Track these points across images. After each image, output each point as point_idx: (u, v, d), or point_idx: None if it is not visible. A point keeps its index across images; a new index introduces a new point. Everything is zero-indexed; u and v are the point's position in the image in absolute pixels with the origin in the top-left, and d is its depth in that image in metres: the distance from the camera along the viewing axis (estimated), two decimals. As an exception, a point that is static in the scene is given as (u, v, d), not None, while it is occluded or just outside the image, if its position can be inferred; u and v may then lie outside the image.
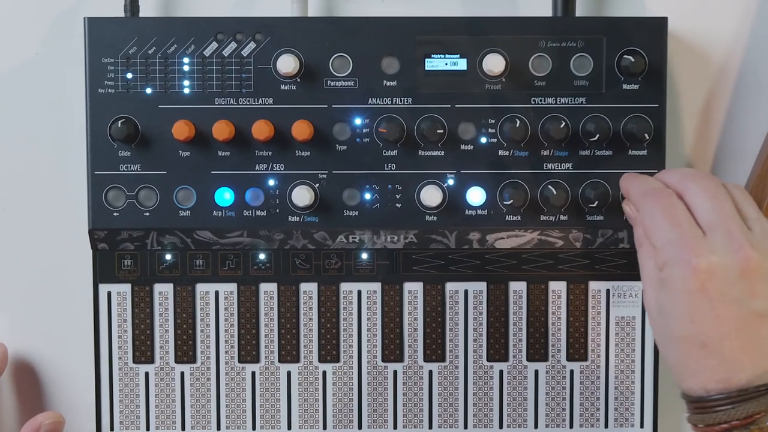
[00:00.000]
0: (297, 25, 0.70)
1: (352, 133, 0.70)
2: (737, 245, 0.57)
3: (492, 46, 0.70)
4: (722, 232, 0.58)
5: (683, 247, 0.58)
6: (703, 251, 0.57)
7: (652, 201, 0.61)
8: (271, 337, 0.73)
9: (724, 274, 0.57)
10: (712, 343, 0.57)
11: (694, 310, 0.58)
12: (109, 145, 0.70)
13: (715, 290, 0.57)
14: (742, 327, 0.57)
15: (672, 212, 0.60)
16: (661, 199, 0.61)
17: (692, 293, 0.57)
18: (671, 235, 0.59)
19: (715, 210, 0.59)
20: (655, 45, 0.69)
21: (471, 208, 0.71)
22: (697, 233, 0.58)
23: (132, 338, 0.73)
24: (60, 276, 0.77)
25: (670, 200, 0.61)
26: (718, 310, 0.57)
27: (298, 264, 0.72)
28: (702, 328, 0.57)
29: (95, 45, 0.69)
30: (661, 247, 0.60)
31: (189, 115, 0.69)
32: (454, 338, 0.73)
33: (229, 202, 0.70)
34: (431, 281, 0.72)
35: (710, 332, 0.57)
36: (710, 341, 0.57)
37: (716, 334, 0.57)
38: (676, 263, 0.58)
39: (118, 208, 0.70)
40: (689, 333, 0.58)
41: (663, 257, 0.59)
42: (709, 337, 0.57)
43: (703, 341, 0.57)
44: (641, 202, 0.63)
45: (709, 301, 0.57)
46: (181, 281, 0.72)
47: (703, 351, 0.58)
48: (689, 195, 0.60)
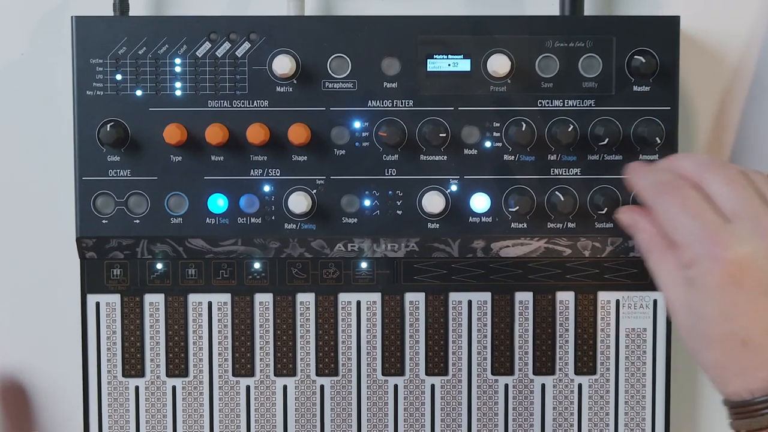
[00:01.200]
0: (293, 24, 0.70)
1: (350, 137, 0.70)
2: (766, 231, 0.55)
3: (497, 46, 0.69)
4: (748, 219, 0.56)
5: (709, 240, 0.56)
6: (731, 242, 0.55)
7: (667, 196, 0.59)
8: (266, 350, 0.72)
9: (757, 264, 0.54)
10: (754, 339, 0.55)
11: (730, 305, 0.55)
12: (97, 149, 0.69)
13: (750, 282, 0.54)
14: None
15: (691, 204, 0.57)
16: (676, 192, 0.59)
17: (726, 288, 0.55)
18: (694, 229, 0.56)
19: (736, 196, 0.57)
20: (666, 45, 0.69)
21: (475, 215, 0.70)
22: (722, 223, 0.56)
23: (121, 351, 0.72)
24: (46, 286, 0.77)
25: (687, 192, 0.58)
26: (756, 302, 0.55)
27: (294, 273, 0.72)
28: (741, 324, 0.55)
29: (83, 45, 0.69)
30: (686, 243, 0.57)
31: (181, 119, 0.69)
32: (457, 351, 0.73)
33: (223, 209, 0.70)
34: (433, 291, 0.72)
35: (750, 327, 0.55)
36: (751, 337, 0.55)
37: (757, 329, 0.55)
38: (704, 259, 0.56)
39: (107, 216, 0.70)
40: (727, 331, 0.56)
41: (689, 255, 0.57)
42: (749, 333, 0.55)
43: (743, 338, 0.55)
44: (654, 198, 0.60)
45: (745, 294, 0.55)
46: (173, 291, 0.72)
47: (744, 349, 0.55)
48: (707, 184, 0.58)
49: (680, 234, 0.57)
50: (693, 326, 0.58)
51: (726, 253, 0.55)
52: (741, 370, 0.56)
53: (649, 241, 0.62)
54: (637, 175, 0.62)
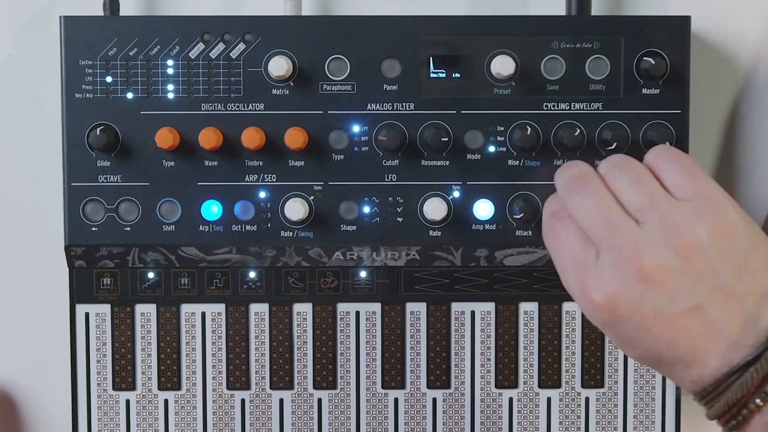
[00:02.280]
0: (290, 24, 0.69)
1: (349, 142, 0.70)
2: (626, 260, 0.57)
3: (501, 47, 0.69)
4: (608, 249, 0.58)
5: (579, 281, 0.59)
6: (596, 282, 0.58)
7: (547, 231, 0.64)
8: (262, 362, 0.72)
9: (627, 295, 0.57)
10: (664, 356, 0.57)
11: (624, 337, 0.58)
12: (86, 154, 0.69)
13: (629, 313, 0.57)
14: (682, 327, 0.56)
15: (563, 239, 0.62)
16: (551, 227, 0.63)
17: (610, 324, 0.58)
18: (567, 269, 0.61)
19: (596, 224, 0.59)
20: (677, 46, 0.69)
21: (478, 222, 0.70)
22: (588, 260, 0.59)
23: (112, 363, 0.72)
24: (34, 296, 0.77)
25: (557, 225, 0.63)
26: (646, 327, 0.57)
27: (291, 283, 0.72)
28: (645, 348, 0.58)
29: (72, 46, 0.69)
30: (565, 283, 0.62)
31: (173, 122, 0.69)
32: (459, 363, 0.72)
33: (217, 216, 0.70)
34: (435, 301, 0.72)
35: (654, 348, 0.58)
36: (661, 355, 0.58)
37: (662, 347, 0.57)
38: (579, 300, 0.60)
39: (97, 223, 0.70)
40: (639, 355, 0.59)
41: (570, 292, 0.61)
42: (657, 352, 0.58)
43: (655, 357, 0.58)
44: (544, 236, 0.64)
45: (631, 325, 0.57)
46: (165, 301, 0.72)
47: (663, 364, 0.58)
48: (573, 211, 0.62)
49: (559, 270, 0.62)
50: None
51: (594, 295, 0.58)
52: (678, 381, 0.59)
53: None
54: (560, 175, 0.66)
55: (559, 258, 0.61)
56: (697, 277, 0.56)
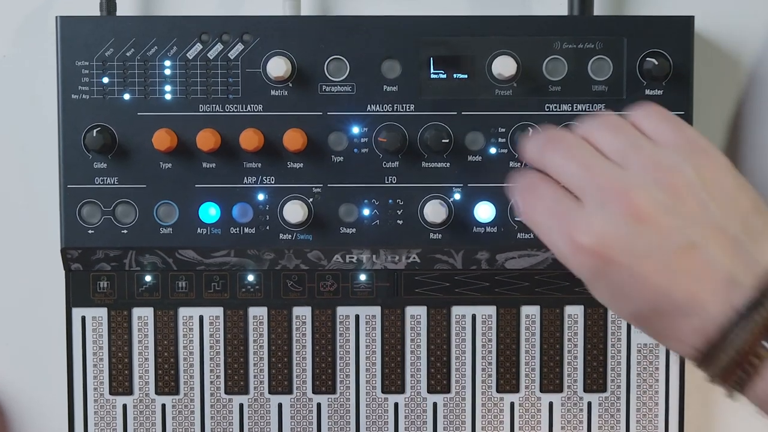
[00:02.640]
0: (289, 24, 0.69)
1: (349, 143, 0.70)
2: (613, 197, 0.54)
3: (502, 47, 0.69)
4: (593, 192, 0.54)
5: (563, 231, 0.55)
6: (583, 225, 0.54)
7: (521, 194, 0.59)
8: (260, 366, 0.72)
9: (617, 235, 0.53)
10: (662, 304, 0.54)
11: (617, 287, 0.54)
12: (83, 156, 0.69)
13: (620, 256, 0.53)
14: (676, 271, 0.53)
15: (540, 196, 0.57)
16: (526, 188, 0.58)
17: (601, 273, 0.54)
18: (549, 224, 0.56)
19: (577, 171, 0.55)
20: (680, 46, 0.69)
21: (479, 225, 0.70)
22: (571, 207, 0.55)
23: (108, 367, 0.72)
24: (30, 299, 0.77)
25: (534, 184, 0.58)
26: (640, 270, 0.53)
27: (290, 286, 0.72)
28: (641, 298, 0.54)
29: (68, 46, 0.69)
30: (548, 242, 0.57)
31: (171, 124, 0.69)
32: (460, 367, 0.72)
33: (215, 219, 0.70)
34: (436, 305, 0.72)
35: (651, 296, 0.54)
36: (658, 304, 0.54)
37: (658, 294, 0.54)
38: (567, 252, 0.55)
39: (94, 225, 0.69)
40: (635, 309, 0.55)
41: (556, 252, 0.56)
42: (654, 302, 0.54)
43: (652, 308, 0.54)
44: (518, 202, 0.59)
45: (624, 269, 0.54)
46: (162, 305, 0.72)
47: (661, 317, 0.54)
48: (550, 168, 0.57)
49: (540, 233, 0.57)
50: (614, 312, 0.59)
51: (582, 238, 0.54)
52: (673, 336, 0.55)
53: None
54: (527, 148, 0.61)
55: (540, 224, 0.57)
56: (689, 215, 0.54)
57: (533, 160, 0.59)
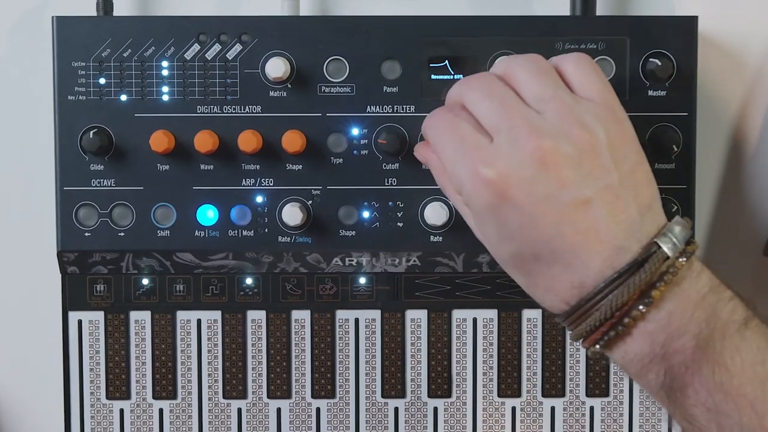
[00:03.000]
0: (288, 25, 0.69)
1: (348, 145, 0.69)
2: (523, 139, 0.56)
3: (503, 48, 0.69)
4: (505, 131, 0.57)
5: (469, 161, 0.57)
6: (489, 159, 0.56)
7: (433, 124, 0.61)
8: (259, 371, 0.72)
9: (519, 175, 0.56)
10: (543, 251, 0.56)
11: (507, 224, 0.57)
12: (79, 157, 0.69)
13: (517, 194, 0.56)
14: (567, 220, 0.56)
15: (453, 127, 0.59)
16: (440, 118, 0.60)
17: (495, 208, 0.57)
18: (456, 153, 0.58)
19: (493, 109, 0.58)
20: (684, 47, 0.69)
21: None
22: (482, 141, 0.57)
23: (105, 371, 0.72)
24: (25, 303, 0.77)
25: (448, 116, 0.60)
26: (531, 213, 0.56)
27: (288, 289, 0.71)
28: (525, 240, 0.57)
29: (64, 47, 0.68)
30: (450, 170, 0.59)
31: (168, 125, 0.69)
32: (461, 371, 0.72)
33: (213, 221, 0.70)
34: (436, 308, 0.72)
35: (535, 240, 0.56)
36: (539, 250, 0.56)
37: (542, 239, 0.56)
38: (467, 181, 0.57)
39: (90, 228, 0.69)
40: (515, 251, 0.58)
41: (456, 180, 0.58)
42: (536, 247, 0.56)
43: (533, 253, 0.57)
44: (427, 130, 0.62)
45: (517, 209, 0.56)
46: (160, 308, 0.71)
47: (539, 263, 0.57)
48: (467, 103, 0.59)
49: (446, 159, 0.59)
50: (493, 254, 0.60)
51: (485, 171, 0.56)
52: (547, 285, 0.58)
53: (438, 175, 0.63)
54: None
55: (446, 146, 0.59)
56: (591, 172, 0.56)
57: (453, 97, 0.61)
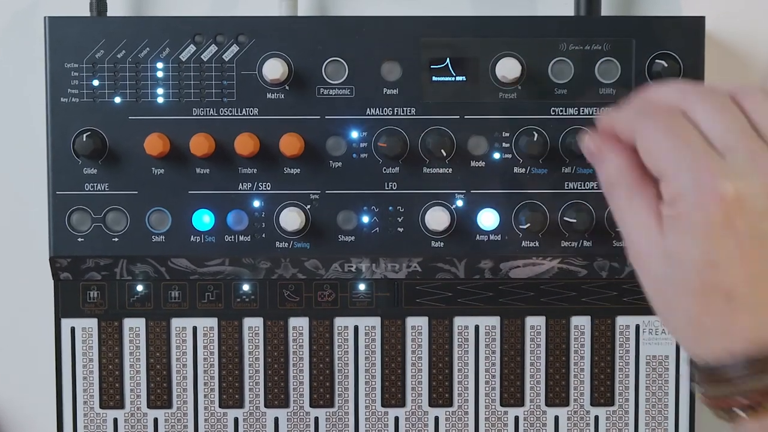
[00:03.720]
0: (285, 25, 0.69)
1: (347, 148, 0.69)
2: (764, 168, 0.51)
3: (506, 49, 0.69)
4: (743, 152, 0.51)
5: (702, 171, 0.51)
6: (727, 175, 0.51)
7: (650, 120, 0.54)
8: (256, 379, 0.72)
9: (753, 204, 0.50)
10: (740, 292, 0.51)
11: (718, 250, 0.51)
12: (72, 161, 0.69)
13: (743, 224, 0.50)
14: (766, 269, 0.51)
15: (679, 129, 0.53)
16: (663, 116, 0.54)
17: (716, 228, 0.51)
18: (683, 157, 0.52)
19: (729, 127, 0.52)
20: (690, 48, 0.69)
21: (483, 232, 0.70)
22: (716, 155, 0.52)
23: (99, 380, 0.72)
24: (17, 310, 0.77)
25: (675, 116, 0.54)
26: (747, 249, 0.51)
27: (286, 296, 0.72)
28: (727, 274, 0.51)
29: (57, 48, 0.69)
30: (671, 174, 0.53)
31: (163, 128, 0.69)
32: (463, 380, 0.72)
33: (209, 226, 0.70)
34: (438, 315, 0.72)
35: (737, 278, 0.51)
36: (737, 289, 0.51)
37: (745, 281, 0.51)
38: (692, 192, 0.51)
39: (83, 233, 0.69)
40: (710, 281, 0.52)
41: (675, 187, 0.52)
42: (735, 285, 0.51)
43: (728, 290, 0.51)
44: (635, 122, 0.55)
45: (735, 238, 0.51)
46: (155, 316, 0.72)
47: (728, 303, 0.51)
48: (694, 112, 0.54)
49: (665, 162, 0.53)
50: (667, 277, 0.54)
51: (721, 186, 0.50)
52: (722, 329, 0.52)
53: (619, 173, 0.57)
54: (612, 113, 0.58)
55: (669, 148, 0.53)
56: None
57: (669, 99, 0.55)
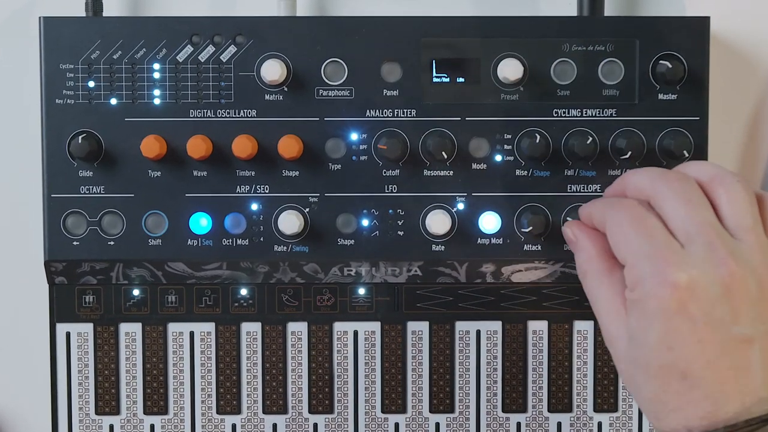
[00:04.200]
0: (284, 25, 0.69)
1: (347, 150, 0.69)
2: (719, 259, 0.56)
3: (508, 50, 0.69)
4: (701, 243, 0.57)
5: (659, 260, 0.57)
6: (682, 265, 0.56)
7: (618, 211, 0.60)
8: (254, 385, 0.72)
9: (706, 292, 0.56)
10: (695, 373, 0.56)
11: (673, 334, 0.57)
12: (68, 163, 0.69)
13: (696, 310, 0.56)
14: (727, 353, 0.56)
15: (643, 222, 0.59)
16: (629, 208, 0.60)
17: (670, 314, 0.56)
18: (643, 247, 0.58)
19: (690, 218, 0.58)
20: (695, 48, 0.69)
21: (484, 236, 0.70)
22: (674, 245, 0.58)
23: (94, 386, 0.72)
24: (11, 314, 0.77)
25: (639, 210, 0.60)
26: (701, 333, 0.56)
27: (285, 300, 0.71)
28: (682, 355, 0.56)
29: (52, 49, 0.68)
30: (632, 263, 0.58)
31: (160, 130, 0.69)
32: (464, 386, 0.72)
33: (206, 230, 0.70)
34: (438, 320, 0.72)
35: (692, 360, 0.56)
36: (692, 370, 0.56)
37: (699, 362, 0.56)
38: (650, 279, 0.57)
39: (79, 237, 0.69)
40: (667, 362, 0.57)
41: (635, 274, 0.58)
42: (690, 366, 0.56)
43: (683, 371, 0.57)
44: (607, 214, 0.61)
45: (690, 323, 0.56)
46: (151, 320, 0.71)
47: (684, 382, 0.57)
48: (660, 201, 0.60)
49: (627, 250, 0.59)
50: (631, 356, 0.59)
51: (676, 275, 0.56)
52: (679, 405, 0.57)
53: (589, 260, 0.63)
54: (591, 203, 0.65)
55: (631, 238, 0.59)
56: (761, 314, 0.57)
57: (638, 186, 0.61)
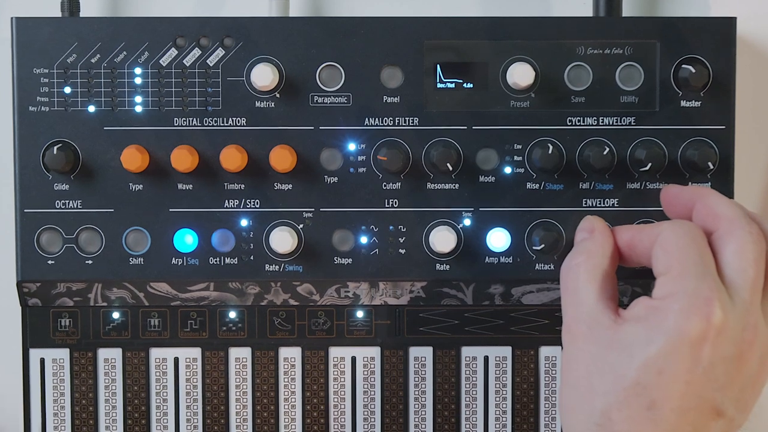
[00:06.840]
0: (276, 27, 0.69)
1: (344, 162, 0.69)
2: (750, 321, 0.59)
3: (518, 53, 0.69)
4: (743, 298, 0.59)
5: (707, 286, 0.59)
6: (726, 305, 0.59)
7: (686, 223, 0.62)
8: (243, 415, 0.72)
9: (725, 345, 0.58)
10: (662, 410, 0.58)
11: (672, 360, 0.59)
12: (42, 176, 0.69)
13: (707, 353, 0.58)
14: (698, 412, 0.58)
15: (705, 248, 0.60)
16: (698, 228, 0.61)
17: (684, 341, 0.58)
18: (698, 267, 0.60)
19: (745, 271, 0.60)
20: (720, 51, 0.69)
21: (492, 254, 0.70)
22: (720, 284, 0.60)
23: (71, 416, 0.72)
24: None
25: (704, 237, 0.61)
26: (693, 377, 0.58)
27: (277, 324, 0.71)
28: (663, 386, 0.58)
29: (25, 51, 0.68)
30: (678, 273, 0.60)
31: (142, 140, 0.69)
32: (471, 416, 0.72)
33: (192, 248, 0.69)
34: (443, 345, 0.72)
35: (668, 397, 0.58)
36: (661, 406, 0.58)
37: (672, 403, 0.58)
38: (688, 299, 0.59)
39: (54, 255, 0.69)
40: (645, 383, 0.59)
41: (674, 285, 0.60)
42: (662, 401, 0.58)
43: (653, 401, 0.58)
44: (673, 221, 0.63)
45: (692, 362, 0.59)
46: (132, 345, 0.71)
47: (645, 412, 0.59)
48: (727, 239, 0.61)
49: (680, 259, 0.59)
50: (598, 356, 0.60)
51: (715, 310, 0.57)
52: (625, 430, 0.59)
53: (595, 254, 0.63)
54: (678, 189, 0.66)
55: (693, 249, 0.59)
56: (742, 400, 0.59)
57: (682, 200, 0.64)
